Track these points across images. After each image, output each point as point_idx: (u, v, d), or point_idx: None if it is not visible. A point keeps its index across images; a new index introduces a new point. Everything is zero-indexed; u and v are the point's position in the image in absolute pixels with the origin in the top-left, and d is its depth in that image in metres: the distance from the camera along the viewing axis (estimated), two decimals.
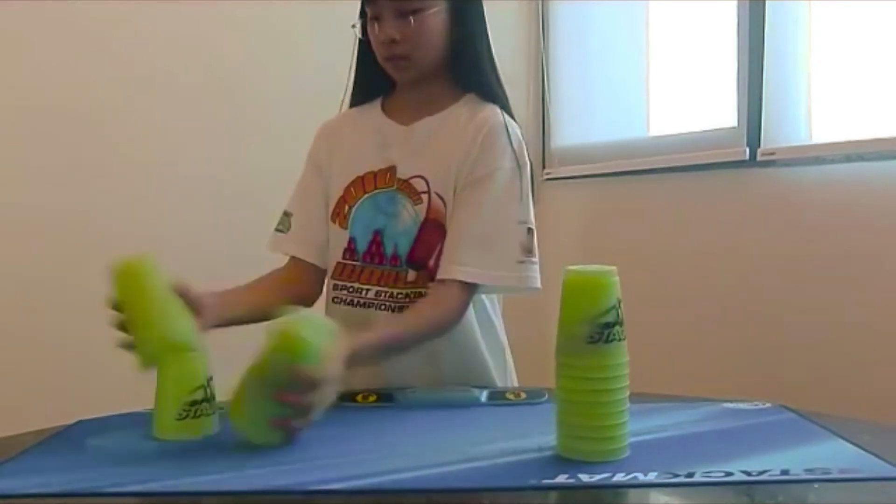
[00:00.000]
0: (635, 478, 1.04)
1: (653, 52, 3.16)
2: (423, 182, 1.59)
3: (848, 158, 2.15)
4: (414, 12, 1.54)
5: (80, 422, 1.34)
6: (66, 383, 2.68)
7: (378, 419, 1.33)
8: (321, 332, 1.21)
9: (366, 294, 1.60)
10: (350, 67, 1.69)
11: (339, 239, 1.64)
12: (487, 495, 1.04)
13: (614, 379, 1.11)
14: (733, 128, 2.53)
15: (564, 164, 3.26)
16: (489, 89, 1.64)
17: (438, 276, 1.53)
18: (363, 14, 1.61)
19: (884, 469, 1.06)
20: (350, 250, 1.62)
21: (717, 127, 2.66)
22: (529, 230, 1.56)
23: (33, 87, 2.78)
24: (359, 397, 1.43)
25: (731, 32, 2.54)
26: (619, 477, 1.04)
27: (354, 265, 1.62)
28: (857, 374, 2.09)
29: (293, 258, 1.70)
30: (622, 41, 3.23)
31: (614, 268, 1.13)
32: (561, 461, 1.11)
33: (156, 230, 2.86)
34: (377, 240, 1.60)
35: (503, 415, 1.38)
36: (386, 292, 1.59)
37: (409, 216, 1.59)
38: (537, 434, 1.18)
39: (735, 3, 2.51)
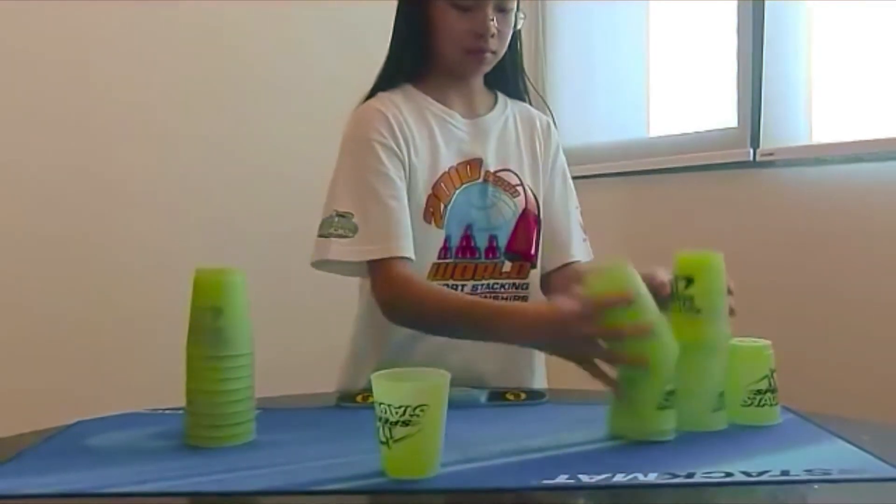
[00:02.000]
0: (635, 478, 1.04)
1: (653, 53, 3.16)
2: (513, 175, 1.64)
3: (847, 159, 2.15)
4: (510, 10, 1.57)
5: (80, 422, 1.34)
6: (66, 383, 2.68)
7: None
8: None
9: (462, 290, 1.58)
10: (388, 46, 1.65)
11: (435, 239, 1.57)
12: (487, 496, 1.03)
13: None
14: (733, 128, 2.53)
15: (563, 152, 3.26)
16: (518, 90, 1.73)
17: (570, 260, 1.69)
18: (417, 1, 1.57)
19: (884, 470, 1.06)
20: (445, 248, 1.58)
21: (717, 127, 2.66)
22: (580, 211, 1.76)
23: (39, 88, 2.79)
24: (359, 397, 1.43)
25: (731, 33, 2.54)
26: (620, 477, 1.04)
27: (448, 263, 1.59)
28: (857, 374, 2.09)
29: (402, 260, 1.51)
30: (622, 42, 3.23)
31: (769, 342, 1.32)
32: (561, 461, 1.10)
33: (159, 231, 2.87)
34: (467, 234, 1.59)
35: (503, 415, 1.38)
36: (484, 285, 1.60)
37: (507, 208, 1.62)
38: (538, 435, 1.18)
39: (735, 3, 2.51)
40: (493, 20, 1.54)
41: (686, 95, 3.00)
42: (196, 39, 2.96)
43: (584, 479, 1.04)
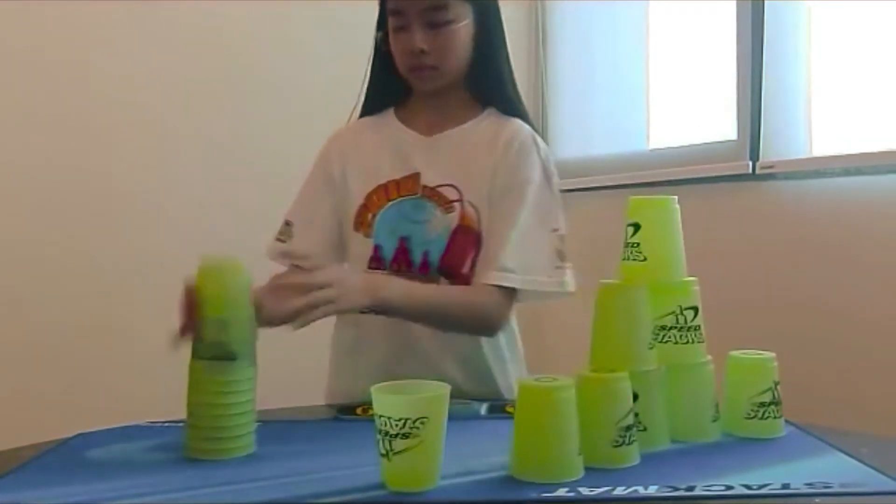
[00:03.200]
0: (636, 491, 1.04)
1: (652, 65, 3.16)
2: (454, 191, 1.61)
3: (847, 172, 2.16)
4: (444, 24, 1.56)
5: (79, 435, 1.34)
6: (66, 396, 2.67)
7: None
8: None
9: None
10: (364, 76, 1.71)
11: (364, 247, 1.63)
12: None
13: None
14: (733, 141, 2.54)
15: (563, 178, 3.23)
16: (511, 104, 1.69)
17: (483, 282, 1.55)
18: (382, 24, 1.62)
19: (884, 483, 1.06)
20: (376, 258, 1.62)
21: (717, 140, 2.67)
22: (562, 237, 1.61)
23: (38, 87, 2.79)
24: (358, 410, 1.43)
25: (730, 45, 2.54)
26: (620, 490, 1.04)
27: (382, 273, 1.60)
28: (856, 386, 2.08)
29: (294, 268, 1.63)
30: (621, 54, 3.24)
31: (773, 354, 1.30)
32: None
33: (159, 235, 2.86)
34: (404, 247, 1.60)
35: (503, 428, 1.37)
36: None
37: (439, 224, 1.60)
38: None
39: (734, 15, 2.52)
40: (417, 38, 1.55)
41: (685, 108, 3.00)
42: (196, 40, 2.95)
43: (584, 492, 1.03)
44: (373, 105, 1.72)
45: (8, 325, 2.71)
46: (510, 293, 1.56)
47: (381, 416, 1.04)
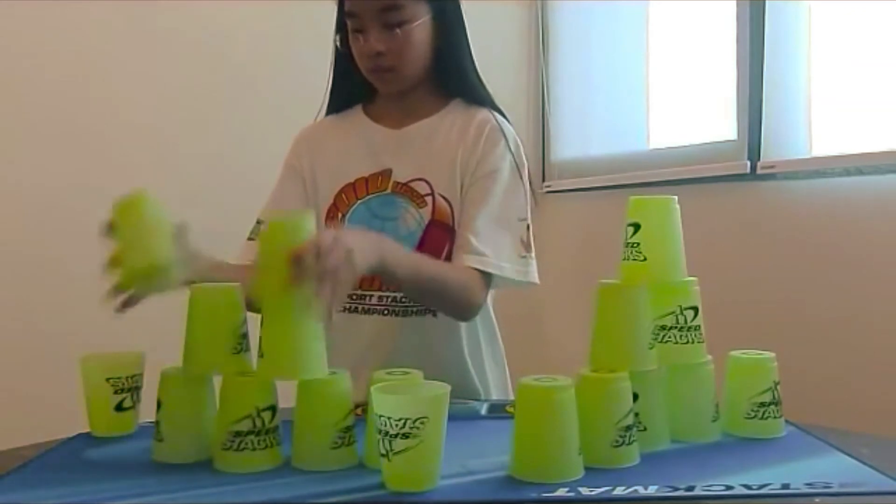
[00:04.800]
0: (636, 491, 1.04)
1: (652, 65, 3.16)
2: (425, 185, 1.60)
3: (847, 172, 2.15)
4: (399, 24, 1.55)
5: (80, 435, 1.34)
6: (66, 396, 2.67)
7: None
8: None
9: (368, 300, 1.60)
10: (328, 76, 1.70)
11: None
12: None
13: None
14: (733, 141, 2.54)
15: (564, 177, 3.27)
16: (476, 93, 1.67)
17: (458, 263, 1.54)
18: (341, 26, 1.62)
19: (884, 483, 1.06)
20: None
21: (717, 140, 2.67)
22: (528, 227, 1.60)
23: (33, 89, 2.79)
24: (359, 410, 1.43)
25: (730, 45, 2.54)
26: (620, 490, 1.04)
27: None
28: (857, 386, 2.08)
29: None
30: (622, 54, 3.24)
31: (773, 354, 1.31)
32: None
33: None
34: None
35: (503, 428, 1.37)
36: (389, 297, 1.59)
37: (412, 219, 1.60)
38: None
39: (734, 15, 2.52)
40: (372, 40, 1.55)
41: (686, 107, 3.00)
42: (192, 44, 2.96)
43: (584, 492, 1.04)
44: (337, 104, 1.72)
45: (8, 325, 2.71)
46: (486, 277, 1.54)
47: (380, 416, 1.04)
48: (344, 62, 1.66)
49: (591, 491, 1.04)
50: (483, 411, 1.44)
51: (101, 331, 2.73)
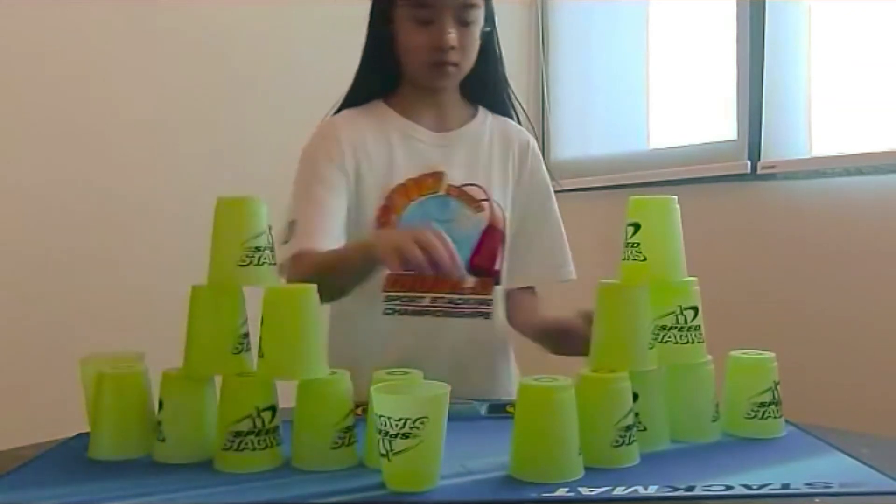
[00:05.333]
0: (635, 491, 1.04)
1: (652, 65, 3.16)
2: (479, 190, 1.63)
3: (847, 172, 2.16)
4: (471, 23, 1.57)
5: (80, 435, 1.34)
6: (66, 396, 2.67)
7: None
8: None
9: (420, 302, 1.61)
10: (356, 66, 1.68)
11: None
12: None
13: None
14: (733, 141, 2.54)
15: (564, 177, 3.24)
16: (504, 105, 1.72)
17: (559, 279, 1.72)
18: (385, 16, 1.59)
19: (884, 483, 1.06)
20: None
21: (717, 140, 2.67)
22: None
23: (34, 88, 2.79)
24: (360, 410, 1.43)
25: (730, 45, 2.54)
26: (620, 490, 1.04)
27: (406, 275, 1.58)
28: (856, 386, 2.08)
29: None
30: (622, 54, 3.24)
31: (773, 354, 1.30)
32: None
33: (157, 234, 2.86)
34: None
35: (503, 428, 1.37)
36: (443, 298, 1.61)
37: (468, 222, 1.62)
38: None
39: (734, 15, 2.52)
40: (451, 33, 1.54)
41: (686, 107, 3.00)
42: (193, 43, 2.96)
43: (584, 492, 1.03)
44: (359, 95, 1.68)
45: (9, 325, 2.71)
46: None
47: (380, 416, 1.04)
48: (378, 53, 1.63)
49: (591, 491, 1.03)
50: (483, 411, 1.44)
51: (102, 331, 2.75)
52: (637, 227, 1.26)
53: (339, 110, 1.69)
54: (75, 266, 2.81)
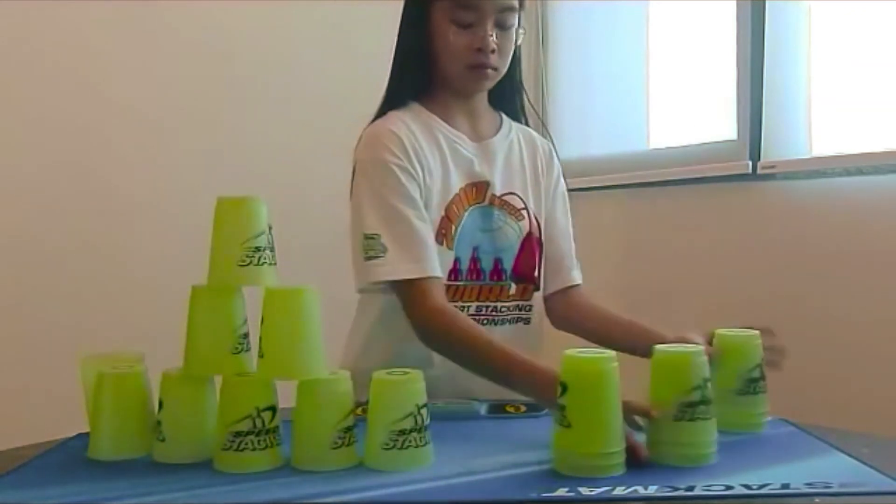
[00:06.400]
0: (635, 491, 1.04)
1: (652, 65, 3.16)
2: (518, 199, 1.66)
3: (847, 172, 2.16)
4: (511, 27, 1.57)
5: (80, 435, 1.34)
6: (67, 396, 2.67)
7: None
8: None
9: (467, 312, 1.59)
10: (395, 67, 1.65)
11: (446, 260, 1.57)
12: None
13: None
14: (733, 141, 2.54)
15: (564, 177, 3.26)
16: (523, 112, 1.75)
17: (573, 283, 1.73)
18: (422, 17, 1.57)
19: (884, 483, 1.06)
20: (455, 270, 1.59)
21: (717, 140, 2.67)
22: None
23: (35, 89, 2.79)
24: (359, 410, 1.43)
25: (730, 45, 2.54)
26: (620, 490, 1.04)
27: (458, 285, 1.59)
28: (856, 386, 2.08)
29: (433, 281, 1.51)
30: (621, 53, 3.24)
31: (700, 348, 1.20)
32: (560, 474, 1.10)
33: (158, 234, 2.87)
34: (474, 256, 1.61)
35: (503, 428, 1.38)
36: (488, 307, 1.61)
37: (512, 232, 1.63)
38: (537, 448, 1.18)
39: (734, 15, 2.52)
40: (492, 36, 1.54)
41: (686, 107, 3.00)
42: (196, 42, 2.96)
43: (584, 492, 1.04)
44: (399, 98, 1.64)
45: (9, 325, 2.71)
46: None
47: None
48: (414, 55, 1.61)
49: (591, 491, 1.04)
50: (483, 411, 1.44)
51: (102, 331, 2.75)
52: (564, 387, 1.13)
53: (379, 114, 1.64)
54: (76, 266, 2.81)
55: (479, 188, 1.62)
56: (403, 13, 1.63)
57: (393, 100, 1.64)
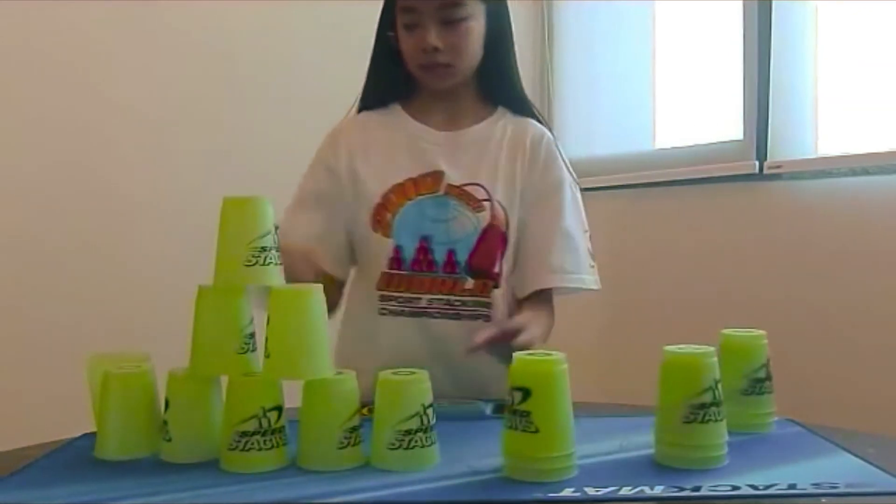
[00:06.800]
0: (641, 491, 1.03)
1: (658, 65, 3.16)
2: (481, 190, 1.61)
3: (854, 172, 2.15)
4: (457, 21, 1.56)
5: (86, 435, 1.34)
6: (72, 396, 2.67)
7: None
8: None
9: (417, 303, 1.60)
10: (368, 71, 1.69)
11: (383, 248, 1.60)
12: None
13: None
14: (739, 141, 2.53)
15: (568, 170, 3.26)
16: (523, 104, 1.71)
17: (540, 286, 1.61)
18: (388, 21, 1.61)
19: (891, 483, 1.06)
20: (396, 259, 1.60)
21: (723, 140, 2.66)
22: (590, 237, 1.68)
23: (37, 89, 2.79)
24: (364, 410, 1.43)
25: (737, 46, 2.54)
26: (626, 491, 1.04)
27: (402, 274, 1.60)
28: (863, 386, 2.08)
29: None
30: (627, 53, 3.24)
31: (711, 349, 1.17)
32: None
33: (158, 233, 2.87)
34: (424, 247, 1.60)
35: None
36: (441, 300, 1.60)
37: (468, 223, 1.61)
38: None
39: (741, 16, 2.52)
40: (431, 35, 1.55)
41: (692, 107, 3.00)
42: (194, 41, 2.96)
43: (590, 492, 1.03)
44: (373, 100, 1.70)
45: (13, 325, 2.71)
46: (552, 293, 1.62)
47: None
48: (386, 58, 1.65)
49: (597, 491, 1.03)
50: (488, 411, 1.44)
51: (108, 331, 2.75)
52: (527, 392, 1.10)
53: (349, 114, 1.72)
54: (81, 266, 2.81)
55: (433, 178, 1.62)
56: (378, 20, 1.66)
57: (365, 101, 1.70)
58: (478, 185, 1.62)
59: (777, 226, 2.38)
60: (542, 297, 1.63)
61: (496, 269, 1.62)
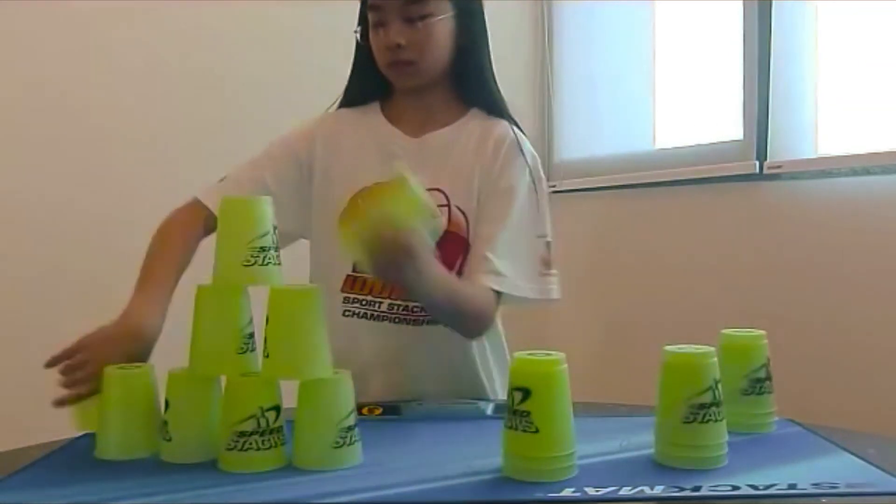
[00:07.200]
0: (641, 491, 1.03)
1: (658, 65, 3.16)
2: (441, 195, 1.58)
3: (854, 172, 2.15)
4: (421, 18, 1.54)
5: (86, 435, 1.34)
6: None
7: (383, 432, 1.33)
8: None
9: (378, 307, 1.59)
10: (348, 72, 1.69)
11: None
12: None
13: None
14: (739, 141, 2.54)
15: (569, 177, 3.26)
16: (495, 104, 1.66)
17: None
18: (363, 19, 1.61)
19: (891, 483, 1.06)
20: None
21: (723, 140, 2.66)
22: (548, 244, 1.60)
23: (32, 86, 2.79)
24: (364, 410, 1.43)
25: (737, 45, 2.54)
26: (626, 491, 1.04)
27: (365, 277, 1.59)
28: (863, 386, 2.08)
29: (200, 205, 1.70)
30: (627, 53, 3.24)
31: (711, 349, 1.17)
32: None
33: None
34: None
35: None
36: (400, 305, 1.58)
37: (426, 229, 1.58)
38: None
39: (741, 16, 2.52)
40: (393, 32, 1.54)
41: (692, 107, 3.00)
42: (197, 45, 2.96)
43: (590, 492, 1.03)
44: (353, 97, 1.70)
45: (14, 325, 2.71)
46: (497, 297, 1.54)
47: None
48: (363, 57, 1.64)
49: (597, 491, 1.03)
50: (489, 411, 1.44)
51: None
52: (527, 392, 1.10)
53: (340, 107, 1.71)
54: (81, 266, 2.81)
55: None
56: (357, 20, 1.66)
57: (346, 98, 1.70)
58: (438, 190, 1.58)
59: (777, 226, 2.38)
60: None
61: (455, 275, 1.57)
